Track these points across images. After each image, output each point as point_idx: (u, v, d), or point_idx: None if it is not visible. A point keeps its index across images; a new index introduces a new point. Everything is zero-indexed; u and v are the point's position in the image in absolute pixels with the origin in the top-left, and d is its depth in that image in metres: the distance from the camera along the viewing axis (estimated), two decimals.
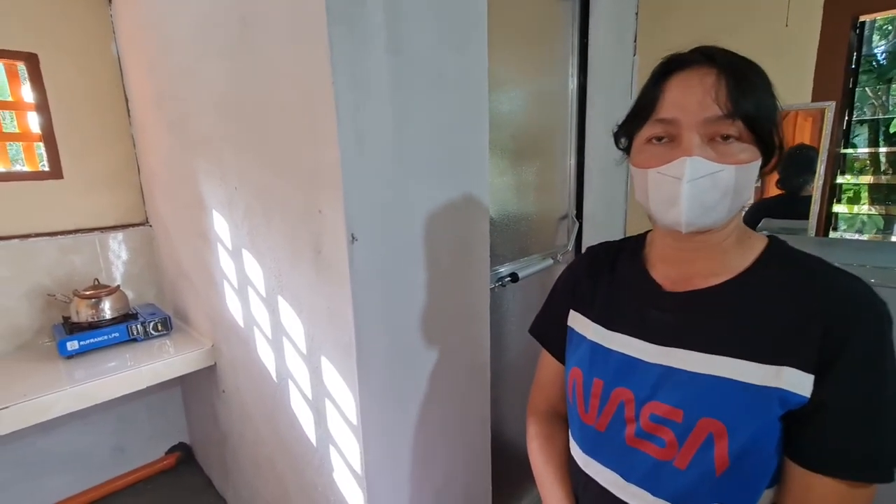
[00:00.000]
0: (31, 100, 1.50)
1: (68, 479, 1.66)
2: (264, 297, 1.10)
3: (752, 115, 0.48)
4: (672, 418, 0.51)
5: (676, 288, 0.56)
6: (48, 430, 1.58)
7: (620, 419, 0.56)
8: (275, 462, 1.25)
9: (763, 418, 0.48)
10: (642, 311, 0.58)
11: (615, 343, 0.59)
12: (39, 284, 1.54)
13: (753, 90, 0.49)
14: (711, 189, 0.49)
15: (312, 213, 0.86)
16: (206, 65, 1.10)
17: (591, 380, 0.59)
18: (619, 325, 0.59)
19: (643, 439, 0.54)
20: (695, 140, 0.49)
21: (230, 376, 1.41)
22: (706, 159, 0.48)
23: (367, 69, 0.79)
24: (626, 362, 0.57)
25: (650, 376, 0.54)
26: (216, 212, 1.24)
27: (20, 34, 1.45)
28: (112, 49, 1.63)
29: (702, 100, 0.48)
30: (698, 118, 0.49)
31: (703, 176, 0.48)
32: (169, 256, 1.67)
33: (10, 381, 1.30)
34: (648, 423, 0.53)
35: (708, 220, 0.51)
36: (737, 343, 0.50)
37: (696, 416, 0.50)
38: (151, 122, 1.53)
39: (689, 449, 0.50)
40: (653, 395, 0.53)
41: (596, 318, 0.62)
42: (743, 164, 0.49)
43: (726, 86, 0.48)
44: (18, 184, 1.49)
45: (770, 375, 0.48)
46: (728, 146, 0.49)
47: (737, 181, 0.49)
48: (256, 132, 0.98)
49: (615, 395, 0.57)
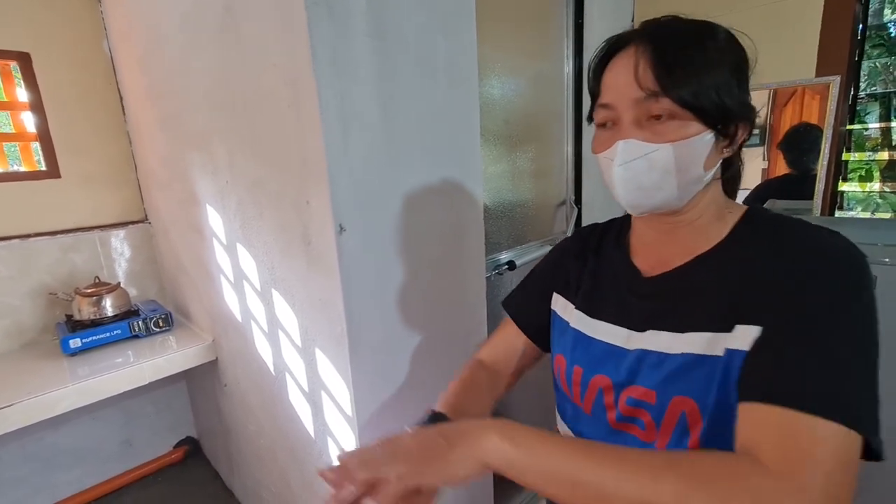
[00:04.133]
0: (26, 99, 1.50)
1: (78, 474, 1.69)
2: (259, 291, 1.10)
3: (681, 92, 0.45)
4: (647, 400, 0.51)
5: (654, 272, 0.56)
6: (57, 425, 1.61)
7: (601, 405, 0.56)
8: (276, 454, 1.26)
9: (728, 387, 0.46)
10: (622, 298, 0.57)
11: (598, 332, 0.58)
12: (41, 283, 1.55)
13: (685, 63, 0.46)
14: (649, 170, 0.48)
15: (301, 204, 0.85)
16: (195, 57, 1.09)
17: (572, 367, 0.60)
18: (603, 313, 0.59)
19: (625, 423, 0.54)
20: (629, 122, 0.48)
21: (231, 370, 1.42)
22: (640, 140, 0.47)
23: (350, 55, 0.77)
24: (607, 350, 0.56)
25: (628, 362, 0.54)
26: (209, 206, 1.24)
27: (12, 34, 1.45)
28: (104, 46, 1.62)
29: (627, 81, 0.47)
30: (628, 100, 0.48)
31: (635, 158, 0.48)
32: (168, 253, 1.68)
33: (15, 378, 1.31)
34: (626, 407, 0.53)
35: (655, 201, 0.50)
36: (702, 318, 0.49)
37: (668, 396, 0.49)
38: (145, 118, 1.53)
39: (667, 429, 0.50)
40: (631, 380, 0.53)
41: (580, 305, 0.62)
42: (680, 140, 0.46)
43: (650, 64, 0.46)
44: (16, 184, 1.50)
45: (729, 340, 0.46)
46: (663, 125, 0.47)
47: (677, 159, 0.47)
48: (245, 124, 0.96)
49: (593, 382, 0.57)
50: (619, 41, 0.50)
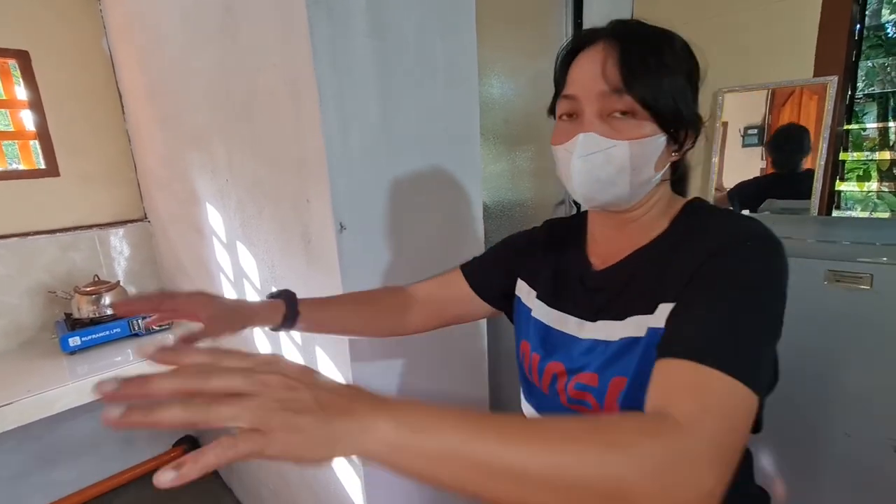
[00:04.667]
0: (25, 98, 1.50)
1: (78, 472, 1.69)
2: (259, 289, 1.10)
3: (644, 91, 0.47)
4: (590, 384, 0.55)
5: (604, 265, 0.59)
6: (56, 424, 1.61)
7: (555, 389, 0.60)
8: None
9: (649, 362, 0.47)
10: (575, 290, 0.61)
11: (555, 321, 0.61)
12: (40, 282, 1.55)
13: (649, 65, 0.48)
14: (605, 164, 0.50)
15: (301, 202, 0.86)
16: (195, 56, 1.09)
17: (532, 353, 0.63)
18: (560, 303, 0.62)
19: (574, 404, 0.58)
20: (592, 116, 0.50)
21: None
22: (600, 135, 0.49)
23: (350, 55, 0.78)
24: (562, 339, 0.60)
25: (580, 350, 0.57)
26: (209, 205, 1.24)
27: (10, 31, 1.44)
28: (103, 44, 1.62)
29: (594, 76, 0.49)
30: (593, 93, 0.49)
31: (594, 152, 0.49)
32: (167, 251, 1.68)
33: (14, 377, 1.31)
34: (574, 390, 0.57)
35: (607, 196, 0.52)
36: (635, 304, 0.52)
37: (607, 377, 0.53)
38: (145, 117, 1.53)
39: (610, 408, 0.53)
40: (580, 367, 0.57)
41: (541, 294, 0.65)
42: (636, 139, 0.49)
43: (617, 61, 0.48)
44: (16, 182, 1.50)
45: (650, 319, 0.50)
46: (623, 122, 0.49)
47: (632, 157, 0.49)
48: (245, 123, 0.97)
49: (548, 368, 0.60)
50: (589, 36, 0.51)
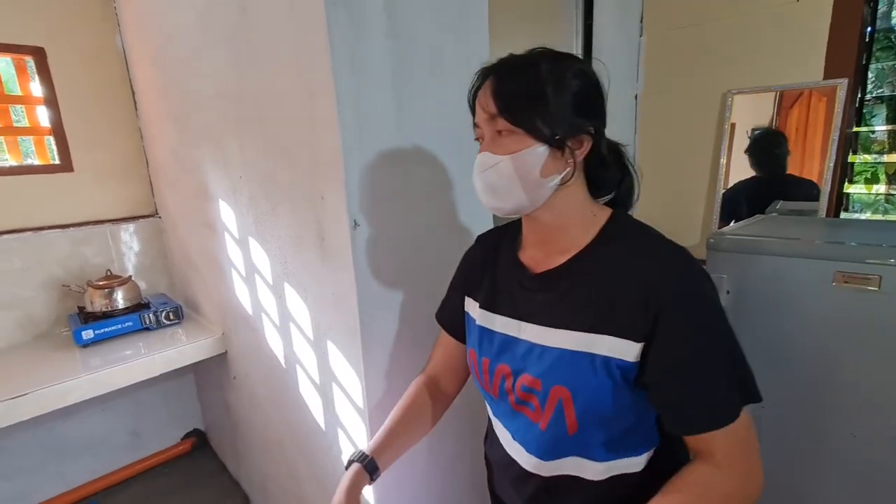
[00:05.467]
0: (40, 94, 1.52)
1: (89, 463, 1.72)
2: (271, 285, 1.11)
3: (509, 114, 0.55)
4: (534, 387, 0.60)
5: (537, 268, 0.63)
6: (68, 416, 1.63)
7: (504, 390, 0.65)
8: (284, 446, 1.28)
9: (594, 382, 0.55)
10: (514, 293, 0.65)
11: (497, 325, 0.66)
12: (54, 275, 1.57)
13: (513, 89, 0.56)
14: (498, 178, 0.57)
15: (315, 199, 0.87)
16: (209, 54, 1.11)
17: (481, 359, 0.67)
18: (500, 307, 0.66)
19: (521, 405, 0.63)
20: (486, 137, 0.59)
21: (240, 363, 1.44)
22: (490, 153, 0.58)
23: (366, 54, 0.79)
24: (505, 341, 0.64)
25: (521, 351, 0.62)
26: (222, 201, 1.25)
27: (27, 28, 1.46)
28: (117, 42, 1.64)
29: (483, 103, 0.58)
30: (484, 120, 0.58)
31: (487, 168, 0.58)
32: (178, 247, 1.70)
33: (28, 369, 1.34)
34: (521, 392, 0.62)
35: (511, 204, 0.59)
36: (570, 316, 0.58)
37: (549, 384, 0.58)
38: (157, 114, 1.55)
39: (548, 412, 0.59)
40: (523, 368, 0.61)
41: (482, 302, 0.69)
42: (515, 153, 0.56)
43: (492, 90, 0.57)
44: (30, 177, 1.52)
45: (594, 343, 0.55)
46: (505, 139, 0.57)
47: (516, 168, 0.56)
48: (259, 120, 0.98)
49: (497, 371, 0.65)
50: (484, 73, 0.59)
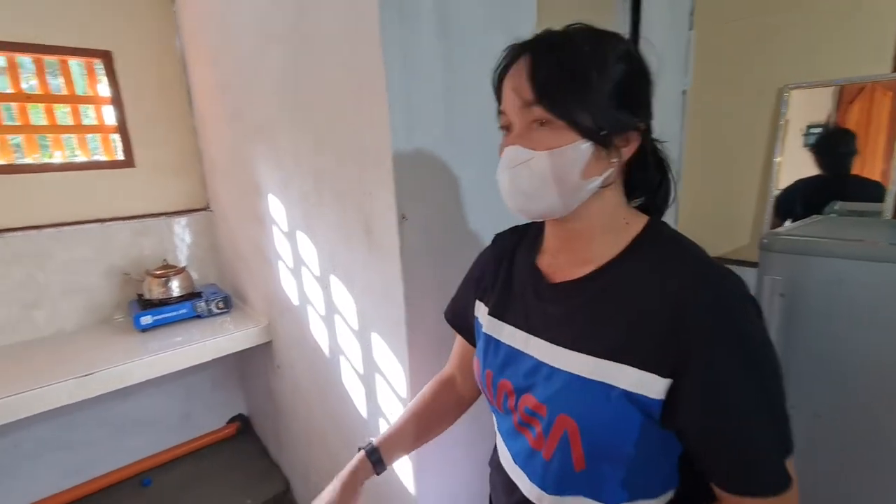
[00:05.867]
0: (107, 94, 1.63)
1: (143, 441, 1.83)
2: (318, 277, 1.15)
3: (551, 101, 0.47)
4: (539, 412, 0.53)
5: (555, 278, 0.56)
6: (127, 396, 1.74)
7: (507, 408, 0.58)
8: (326, 434, 1.32)
9: (607, 417, 0.47)
10: (526, 301, 0.58)
11: (504, 334, 0.59)
12: (116, 264, 1.68)
13: (556, 74, 0.47)
14: (530, 176, 0.49)
15: (364, 193, 0.90)
16: (265, 54, 1.15)
17: (485, 371, 0.61)
18: (509, 315, 0.60)
19: (523, 427, 0.56)
20: (516, 129, 0.51)
21: (285, 352, 1.50)
22: (522, 147, 0.50)
23: (417, 53, 0.80)
24: (511, 354, 0.58)
25: (526, 368, 0.55)
26: (272, 195, 1.31)
27: (96, 33, 1.57)
28: (176, 44, 1.73)
29: (514, 90, 0.50)
30: (515, 108, 0.50)
31: (517, 164, 0.50)
32: (228, 239, 1.78)
33: (94, 350, 1.44)
34: (524, 414, 0.55)
35: (540, 208, 0.51)
36: (588, 339, 0.50)
37: (555, 412, 0.51)
38: (212, 112, 1.63)
39: (552, 443, 0.51)
40: (527, 387, 0.54)
41: (491, 308, 0.63)
42: (554, 149, 0.48)
43: (528, 72, 0.48)
44: (97, 172, 1.63)
45: (612, 373, 0.47)
46: (541, 132, 0.49)
47: (553, 167, 0.48)
48: (311, 118, 1.02)
49: (501, 385, 0.59)
50: (514, 51, 0.51)
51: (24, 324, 1.54)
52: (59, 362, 1.35)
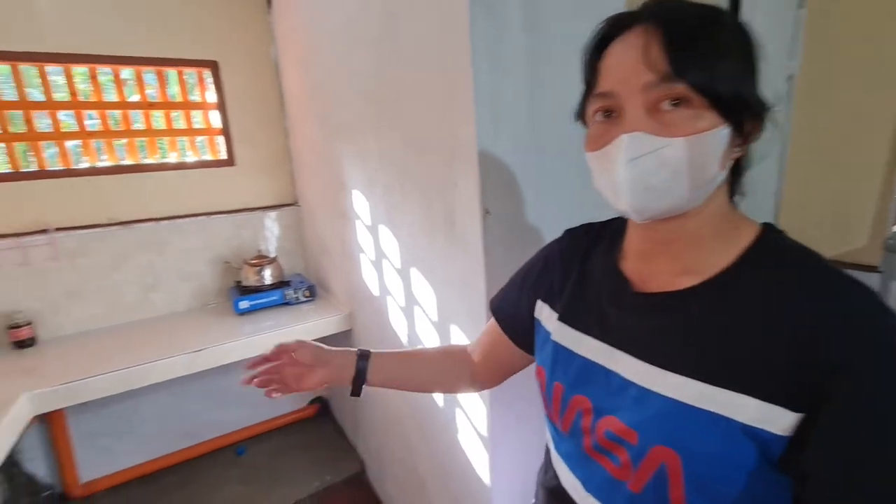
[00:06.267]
0: (213, 100, 1.81)
1: (239, 415, 2.02)
2: (399, 269, 1.20)
3: (698, 76, 0.40)
4: (627, 439, 0.46)
5: (645, 287, 0.49)
6: (226, 372, 1.93)
7: (579, 427, 0.52)
8: (402, 421, 1.37)
9: (719, 453, 0.41)
10: (606, 311, 0.51)
11: (579, 345, 0.53)
12: (219, 254, 1.87)
13: (699, 48, 0.40)
14: (658, 168, 0.41)
15: (448, 188, 0.92)
16: (354, 57, 1.22)
17: (552, 383, 0.55)
18: (584, 324, 0.53)
19: (600, 453, 0.49)
20: (637, 112, 0.42)
21: (364, 340, 1.58)
22: (649, 134, 0.41)
23: (504, 49, 0.81)
24: (587, 368, 0.51)
25: (608, 386, 0.49)
26: (356, 191, 1.38)
27: (205, 45, 1.75)
28: (271, 53, 1.88)
29: (635, 65, 0.41)
30: (636, 86, 0.41)
31: (643, 154, 0.41)
32: (313, 233, 1.90)
33: (201, 330, 1.61)
34: (604, 438, 0.48)
35: (663, 205, 0.43)
36: (699, 362, 0.43)
37: (649, 441, 0.44)
38: (302, 114, 1.75)
39: (643, 475, 0.45)
40: (610, 408, 0.48)
41: (562, 314, 0.57)
42: (695, 134, 0.40)
43: (663, 43, 0.40)
44: (205, 170, 1.83)
45: (733, 404, 0.40)
46: (675, 114, 0.41)
47: (691, 156, 0.40)
48: (397, 116, 1.06)
49: (573, 402, 0.52)
50: (621, 22, 0.44)
51: (145, 304, 1.76)
52: (174, 339, 1.54)
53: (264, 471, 1.85)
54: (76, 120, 1.62)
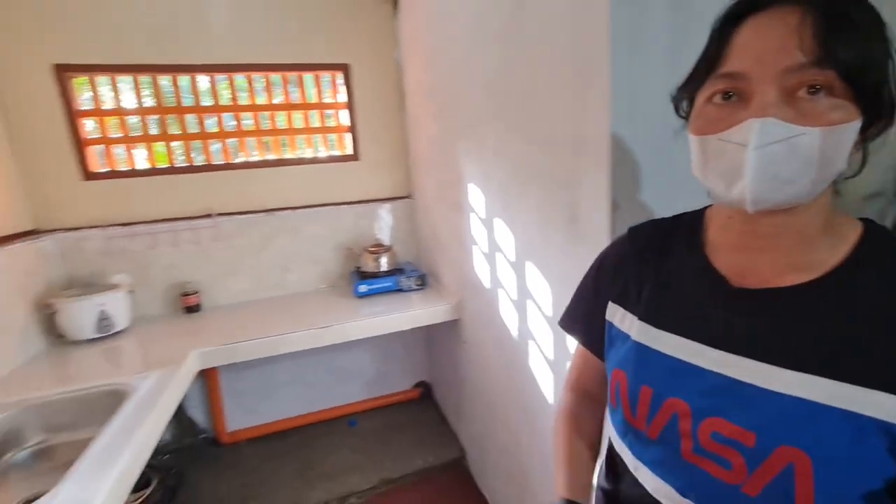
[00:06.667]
0: (343, 100, 1.98)
1: (352, 389, 2.20)
2: (513, 262, 1.21)
3: (850, 62, 0.38)
4: (741, 440, 0.44)
5: (745, 283, 0.47)
6: (345, 349, 2.12)
7: (674, 431, 0.49)
8: (509, 411, 1.38)
9: (855, 453, 0.39)
10: (701, 309, 0.50)
11: (665, 345, 0.51)
12: (342, 241, 2.05)
13: (854, 32, 0.38)
14: (788, 157, 0.40)
15: (571, 182, 0.90)
16: (477, 53, 1.25)
17: (637, 386, 0.52)
18: (671, 323, 0.51)
19: (703, 457, 0.47)
20: (770, 96, 0.40)
21: (472, 330, 1.62)
22: (783, 120, 0.39)
23: (645, 31, 0.77)
24: (679, 368, 0.49)
25: (708, 386, 0.47)
26: (472, 185, 1.41)
27: (340, 49, 1.92)
28: (396, 55, 1.99)
29: (781, 45, 0.39)
30: (776, 68, 0.39)
31: (776, 141, 0.39)
32: (426, 224, 1.99)
33: (326, 309, 1.78)
34: (710, 441, 0.46)
35: (783, 196, 0.41)
36: (827, 359, 0.42)
37: (772, 442, 0.42)
38: (421, 112, 1.83)
39: (762, 477, 0.43)
40: (713, 409, 0.46)
41: (642, 314, 0.54)
42: (833, 125, 0.39)
43: (815, 26, 0.38)
44: (334, 164, 2.01)
45: (868, 401, 0.39)
46: (814, 103, 0.39)
47: (823, 148, 0.39)
48: (521, 109, 1.06)
49: (667, 405, 0.49)
50: (757, 2, 0.42)
51: (281, 283, 2.00)
52: (304, 315, 1.72)
53: (372, 444, 2.00)
54: (235, 121, 1.88)
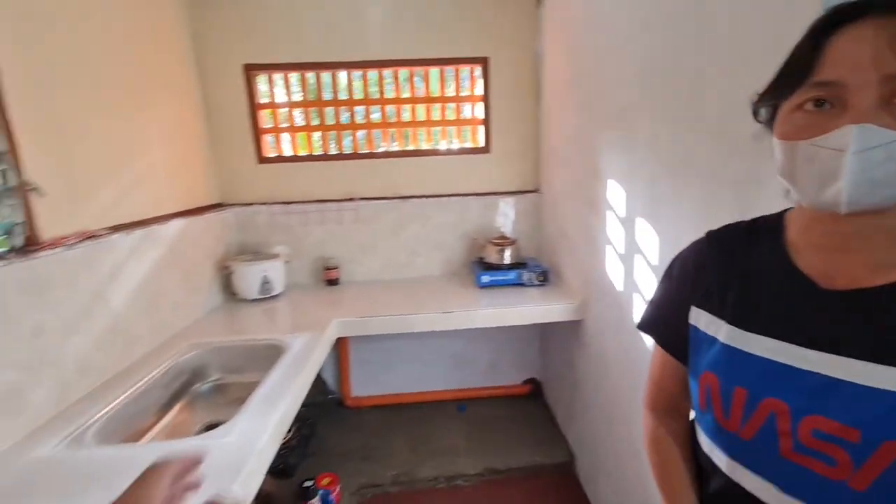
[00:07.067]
0: (480, 93, 2.01)
1: (463, 375, 2.27)
2: (654, 266, 1.12)
3: None
4: (845, 437, 0.46)
5: (833, 283, 0.49)
6: (462, 336, 2.19)
7: (772, 431, 0.50)
8: (630, 425, 1.30)
9: None
10: (791, 310, 0.51)
11: (756, 347, 0.52)
12: (467, 231, 2.10)
13: None
14: (885, 161, 0.42)
15: (745, 182, 0.81)
16: (632, 42, 1.17)
17: (730, 388, 0.53)
18: (760, 325, 0.53)
19: (804, 454, 0.48)
20: (868, 103, 0.42)
21: (595, 332, 1.55)
22: (882, 127, 0.41)
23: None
24: (773, 369, 0.51)
25: (806, 386, 0.48)
26: (612, 181, 1.34)
27: (479, 43, 1.95)
28: (537, 47, 1.97)
29: (879, 54, 0.41)
30: (874, 76, 0.41)
31: (874, 147, 0.42)
32: (552, 220, 1.95)
33: (450, 295, 1.85)
34: (811, 439, 0.47)
35: (877, 199, 0.43)
36: None
37: (878, 437, 0.44)
38: (559, 103, 1.79)
39: (870, 472, 0.44)
40: (813, 407, 0.48)
41: (730, 317, 0.55)
42: None
43: None
44: (465, 156, 2.06)
45: None
46: None
47: None
48: (688, 97, 0.97)
49: (763, 406, 0.51)
50: (852, 12, 0.43)
51: (409, 265, 2.13)
52: (429, 299, 1.81)
53: (480, 431, 2.04)
54: (380, 112, 2.04)
